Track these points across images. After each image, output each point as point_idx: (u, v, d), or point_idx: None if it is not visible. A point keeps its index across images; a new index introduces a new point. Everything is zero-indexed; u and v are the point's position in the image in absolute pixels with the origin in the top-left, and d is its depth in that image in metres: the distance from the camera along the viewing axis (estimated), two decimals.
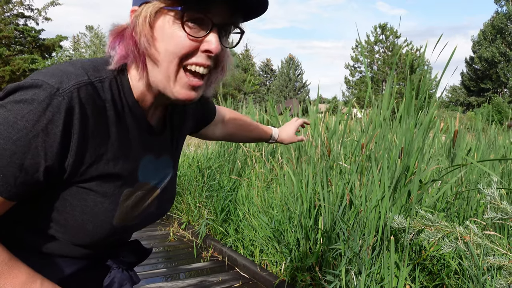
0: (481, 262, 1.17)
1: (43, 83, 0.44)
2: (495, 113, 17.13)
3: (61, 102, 0.44)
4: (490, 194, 0.99)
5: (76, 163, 0.47)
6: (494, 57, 27.71)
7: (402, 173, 1.49)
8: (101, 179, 0.50)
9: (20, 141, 0.43)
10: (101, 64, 0.51)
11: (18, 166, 0.44)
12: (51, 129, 0.44)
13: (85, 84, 0.47)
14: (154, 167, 0.59)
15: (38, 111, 0.43)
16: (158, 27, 0.48)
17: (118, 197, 0.53)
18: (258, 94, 31.14)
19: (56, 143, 0.44)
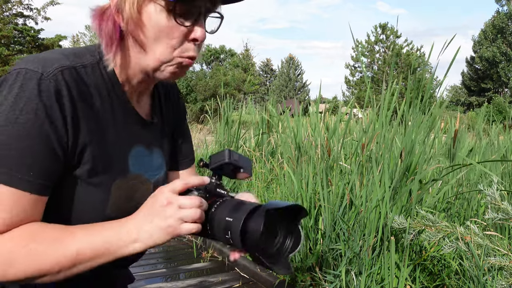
0: (481, 263, 1.17)
1: (27, 70, 0.44)
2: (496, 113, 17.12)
3: (49, 86, 0.44)
4: (491, 195, 0.99)
5: (73, 146, 0.47)
6: (495, 57, 27.69)
7: (402, 173, 1.49)
8: (92, 167, 0.49)
9: (31, 134, 0.43)
10: (82, 52, 0.51)
11: (42, 158, 0.44)
12: (52, 113, 0.44)
13: (68, 68, 0.47)
14: (147, 159, 0.58)
15: (32, 100, 0.43)
16: (146, 13, 0.48)
17: (109, 187, 0.52)
18: (258, 94, 31.14)
19: (61, 125, 0.45)
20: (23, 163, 0.43)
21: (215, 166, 0.50)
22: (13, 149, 0.42)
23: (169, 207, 0.45)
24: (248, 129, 3.51)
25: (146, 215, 0.46)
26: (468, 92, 31.33)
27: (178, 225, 0.45)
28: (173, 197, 0.46)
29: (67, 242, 0.45)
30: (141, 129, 0.57)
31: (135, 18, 0.48)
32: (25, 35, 11.89)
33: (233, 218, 0.44)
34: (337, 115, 2.50)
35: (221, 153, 0.50)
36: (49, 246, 0.44)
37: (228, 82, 14.65)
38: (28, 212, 0.44)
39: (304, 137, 2.42)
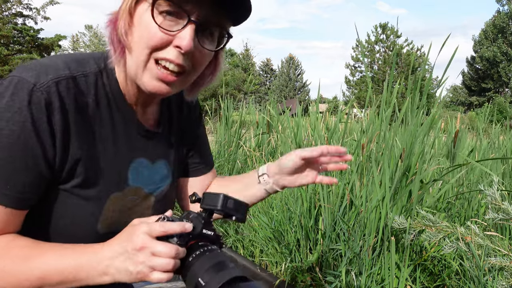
0: (482, 263, 1.16)
1: (20, 79, 0.43)
2: (497, 113, 17.13)
3: (40, 98, 0.43)
4: (491, 195, 0.98)
5: (62, 161, 0.46)
6: (496, 57, 27.67)
7: (403, 174, 1.49)
8: (84, 180, 0.48)
9: (15, 147, 0.42)
10: (86, 59, 0.49)
11: (23, 172, 0.43)
12: (39, 126, 0.43)
13: (65, 78, 0.45)
14: (148, 172, 0.56)
15: (21, 111, 0.42)
16: (137, 14, 0.46)
17: (102, 201, 0.50)
18: (258, 94, 31.14)
19: (48, 138, 0.44)
20: (3, 175, 0.42)
21: (206, 208, 0.47)
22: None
23: (142, 252, 0.41)
24: (248, 129, 3.51)
25: (120, 252, 0.43)
26: (468, 92, 31.32)
27: (148, 272, 0.42)
28: (148, 241, 0.42)
29: (35, 263, 0.43)
30: (145, 141, 0.55)
31: (125, 18, 0.46)
32: (25, 35, 11.89)
33: (205, 283, 0.40)
34: (337, 115, 2.50)
35: (215, 197, 0.46)
36: (16, 265, 0.42)
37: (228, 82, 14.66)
38: (1, 224, 0.43)
39: (304, 137, 2.42)
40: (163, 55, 0.45)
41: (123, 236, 0.44)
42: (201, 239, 0.46)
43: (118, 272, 0.43)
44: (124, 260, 0.42)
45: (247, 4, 0.46)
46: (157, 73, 0.46)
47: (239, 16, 0.48)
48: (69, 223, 0.49)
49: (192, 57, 0.47)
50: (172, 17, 0.44)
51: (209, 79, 0.54)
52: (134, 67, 0.47)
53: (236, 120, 3.40)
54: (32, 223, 0.48)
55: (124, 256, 0.42)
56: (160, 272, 0.42)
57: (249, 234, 2.27)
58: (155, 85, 0.47)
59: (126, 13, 0.46)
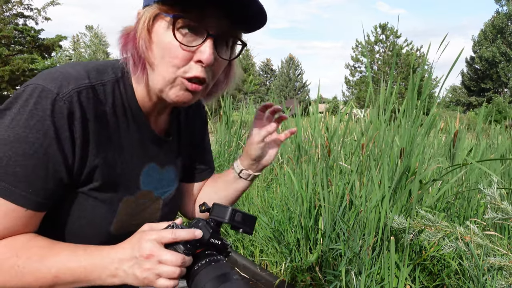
0: (481, 263, 1.17)
1: (43, 88, 0.44)
2: (496, 113, 17.13)
3: (62, 107, 0.44)
4: (491, 194, 0.99)
5: (81, 167, 0.48)
6: (495, 57, 27.69)
7: (402, 173, 1.49)
8: (101, 184, 0.50)
9: (38, 154, 0.44)
10: (105, 67, 0.51)
11: (44, 177, 0.45)
12: (61, 134, 0.45)
13: (86, 88, 0.47)
14: (158, 176, 0.59)
15: (44, 120, 0.44)
16: (155, 31, 0.48)
17: (116, 204, 0.52)
18: (258, 94, 31.13)
19: (69, 147, 0.46)
20: (25, 180, 0.44)
21: (214, 219, 0.48)
22: (18, 166, 0.43)
23: (149, 260, 0.43)
24: (249, 129, 3.51)
25: (129, 257, 0.45)
26: (467, 92, 31.33)
27: (154, 279, 0.44)
28: (156, 249, 0.44)
29: (49, 262, 0.45)
30: (156, 147, 0.57)
31: (144, 37, 0.47)
32: (26, 35, 11.90)
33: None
34: (337, 115, 2.50)
35: (225, 209, 0.48)
36: (32, 264, 0.44)
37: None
38: (20, 225, 0.45)
39: (304, 137, 2.43)
40: (191, 74, 0.48)
41: (133, 241, 0.46)
42: (208, 248, 0.47)
43: (127, 276, 0.45)
44: (132, 265, 0.44)
45: (264, 16, 0.48)
46: (186, 86, 0.49)
47: (255, 27, 0.51)
48: (84, 224, 0.51)
49: (212, 68, 0.50)
50: (190, 33, 0.47)
51: (224, 85, 0.57)
52: (161, 83, 0.49)
53: (236, 120, 3.40)
54: (49, 223, 0.50)
55: (132, 261, 0.44)
56: (165, 279, 0.44)
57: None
58: (183, 94, 0.49)
59: (145, 31, 0.47)
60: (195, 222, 0.48)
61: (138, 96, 0.53)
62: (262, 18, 0.49)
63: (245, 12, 0.47)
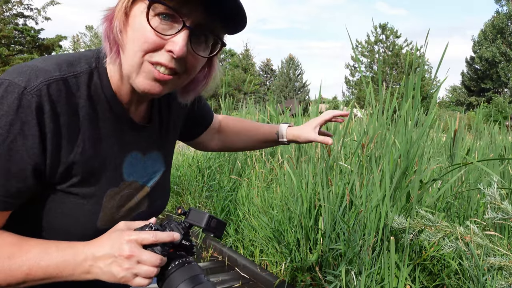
0: (481, 263, 1.17)
1: (10, 83, 0.42)
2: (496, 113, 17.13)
3: (30, 101, 0.42)
4: (491, 194, 0.99)
5: (54, 164, 0.46)
6: (495, 57, 27.68)
7: (402, 173, 1.49)
8: (80, 180, 0.48)
9: (0, 150, 0.42)
10: (77, 59, 0.49)
11: (5, 175, 0.43)
12: (27, 130, 0.42)
13: (56, 80, 0.45)
14: (142, 164, 0.57)
15: (10, 114, 0.41)
16: (133, 14, 0.46)
17: (100, 198, 0.51)
18: (258, 94, 31.12)
19: (36, 143, 0.43)
20: None
21: (190, 223, 0.50)
22: None
23: (129, 260, 0.44)
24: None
25: (107, 255, 0.45)
26: (467, 92, 31.32)
27: (131, 278, 0.45)
28: (136, 250, 0.44)
29: (20, 261, 0.44)
30: (137, 135, 0.56)
31: (121, 18, 0.46)
32: (26, 35, 11.89)
33: None
34: None
35: (201, 215, 0.50)
36: (1, 262, 0.43)
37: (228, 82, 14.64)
38: None
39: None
40: (156, 59, 0.46)
41: (111, 240, 0.46)
42: (179, 249, 0.49)
43: (102, 273, 0.45)
44: (110, 264, 0.45)
45: (242, 14, 0.46)
46: (151, 71, 0.46)
47: (234, 25, 0.48)
48: (70, 222, 0.49)
49: (185, 62, 0.47)
50: (167, 20, 0.45)
51: (203, 84, 0.55)
52: (128, 68, 0.47)
53: None
54: (30, 224, 0.49)
55: (110, 259, 0.45)
56: (142, 278, 0.45)
57: (249, 234, 2.28)
58: (149, 84, 0.47)
59: (122, 12, 0.45)
60: (166, 223, 0.50)
61: (114, 85, 0.51)
62: (241, 16, 0.47)
63: (224, 9, 0.45)
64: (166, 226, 0.50)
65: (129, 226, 0.48)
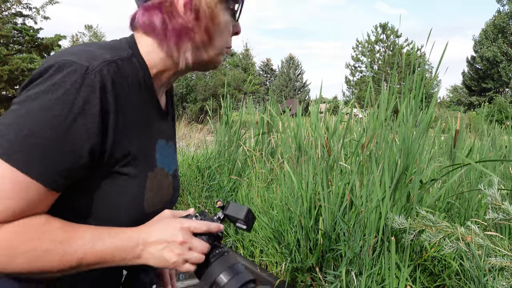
0: (482, 263, 1.16)
1: (72, 62, 0.42)
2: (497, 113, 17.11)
3: (93, 80, 0.43)
4: (491, 195, 0.98)
5: (114, 143, 0.46)
6: (496, 57, 27.64)
7: (402, 173, 1.48)
8: (129, 161, 0.49)
9: (60, 127, 0.41)
10: (116, 44, 0.51)
11: (63, 153, 0.42)
12: (88, 109, 0.42)
13: (111, 62, 0.46)
14: (166, 152, 0.59)
15: (72, 92, 0.42)
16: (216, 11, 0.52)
17: (144, 180, 0.52)
18: (258, 94, 31.11)
19: (96, 123, 0.43)
20: (44, 154, 0.41)
21: (230, 216, 0.54)
22: (38, 138, 0.41)
23: (182, 246, 0.47)
24: (248, 129, 3.51)
25: (160, 240, 0.47)
26: (468, 92, 31.29)
27: (181, 263, 0.48)
28: (189, 237, 0.48)
29: (75, 245, 0.44)
30: (163, 123, 0.58)
31: (209, 15, 0.50)
32: (24, 35, 11.87)
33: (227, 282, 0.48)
34: (337, 115, 2.50)
35: (241, 208, 0.54)
36: (56, 246, 0.43)
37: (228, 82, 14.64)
38: (36, 204, 0.43)
39: (304, 137, 2.42)
40: (229, 45, 0.57)
41: (162, 226, 0.48)
42: (215, 239, 0.52)
43: (154, 258, 0.47)
44: (162, 249, 0.47)
45: None
46: (225, 53, 0.56)
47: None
48: (121, 203, 0.50)
49: None
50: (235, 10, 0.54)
51: None
52: (213, 54, 0.54)
53: (236, 120, 3.40)
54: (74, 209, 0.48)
55: (163, 245, 0.47)
56: (190, 264, 0.48)
57: (249, 234, 2.27)
58: (221, 60, 0.57)
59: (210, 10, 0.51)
60: (201, 214, 0.53)
61: (153, 69, 0.53)
62: None
63: None
64: (202, 218, 0.52)
65: (174, 215, 0.51)
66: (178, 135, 7.41)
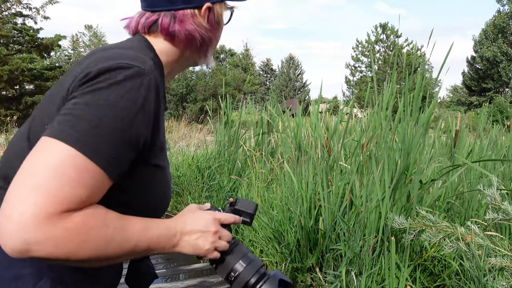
0: (482, 263, 1.16)
1: (130, 65, 0.48)
2: (497, 113, 17.11)
3: (150, 81, 0.49)
4: (491, 195, 0.98)
5: (154, 138, 0.51)
6: (496, 57, 27.63)
7: (402, 173, 1.48)
8: (160, 152, 0.55)
9: (126, 119, 0.46)
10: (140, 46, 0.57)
11: (126, 144, 0.46)
12: (147, 106, 0.48)
13: (154, 65, 0.52)
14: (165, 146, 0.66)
15: (134, 90, 0.47)
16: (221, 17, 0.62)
17: (168, 169, 0.59)
18: (258, 94, 31.12)
19: (152, 118, 0.49)
20: (111, 144, 0.45)
21: (241, 210, 0.60)
22: (107, 128, 0.44)
23: (215, 235, 0.54)
24: (248, 129, 3.51)
25: (197, 230, 0.53)
26: (468, 92, 31.29)
27: (212, 250, 0.54)
28: (219, 227, 0.55)
29: (130, 233, 0.47)
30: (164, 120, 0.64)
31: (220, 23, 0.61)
32: (24, 35, 11.86)
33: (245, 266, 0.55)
34: (337, 115, 2.50)
35: (250, 204, 0.60)
36: (118, 233, 0.45)
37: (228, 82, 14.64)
38: (99, 193, 0.45)
39: (304, 137, 2.42)
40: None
41: (195, 217, 0.54)
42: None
43: (190, 246, 0.52)
44: (197, 238, 0.53)
45: None
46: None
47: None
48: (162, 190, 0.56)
49: None
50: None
51: None
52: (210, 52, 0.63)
53: (236, 120, 3.40)
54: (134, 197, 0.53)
55: (198, 234, 0.53)
56: (217, 252, 0.55)
57: (249, 234, 2.27)
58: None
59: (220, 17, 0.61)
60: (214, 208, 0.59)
61: (166, 69, 0.60)
62: None
63: None
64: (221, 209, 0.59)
65: (201, 208, 0.58)
66: (178, 135, 7.41)
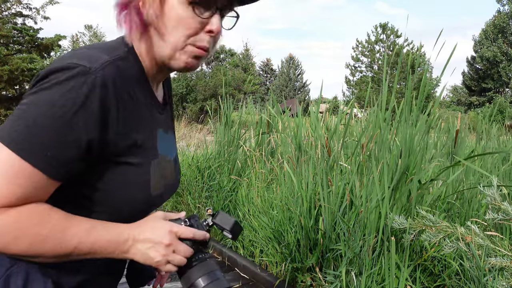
0: (482, 263, 1.16)
1: (75, 65, 0.47)
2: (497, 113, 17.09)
3: (95, 80, 0.47)
4: (491, 195, 0.98)
5: (116, 136, 0.50)
6: (496, 57, 27.63)
7: (402, 173, 1.48)
8: (133, 150, 0.53)
9: (63, 118, 0.45)
10: (114, 44, 0.54)
11: (64, 143, 0.46)
12: (88, 104, 0.46)
13: (109, 63, 0.50)
14: (167, 141, 0.64)
15: (75, 89, 0.46)
16: (168, 4, 0.52)
17: (148, 167, 0.56)
18: (258, 94, 31.11)
19: (94, 117, 0.47)
20: (46, 144, 0.45)
21: (218, 225, 0.57)
22: (41, 128, 0.44)
23: (168, 248, 0.52)
24: (248, 129, 3.51)
25: (148, 239, 0.51)
26: (468, 92, 31.28)
27: (164, 263, 0.52)
28: (174, 240, 0.52)
29: (72, 234, 0.47)
30: (161, 114, 0.62)
31: (156, 8, 0.51)
32: (24, 35, 11.87)
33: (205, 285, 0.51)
34: (337, 115, 2.49)
35: (229, 220, 0.58)
36: (55, 234, 0.46)
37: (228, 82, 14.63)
38: (38, 191, 0.46)
39: (304, 137, 2.42)
40: (201, 44, 0.53)
41: (153, 226, 0.53)
42: (200, 245, 0.56)
43: (140, 254, 0.51)
44: (149, 248, 0.51)
45: None
46: (192, 51, 0.53)
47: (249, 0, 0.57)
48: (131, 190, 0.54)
49: (215, 38, 0.55)
50: (199, 6, 0.52)
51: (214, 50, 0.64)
52: (170, 51, 0.53)
53: (236, 120, 3.40)
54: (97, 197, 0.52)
55: (150, 244, 0.51)
56: (172, 265, 0.52)
57: (249, 234, 2.27)
58: (190, 61, 0.54)
59: (157, 2, 0.51)
60: (191, 218, 0.57)
61: (144, 65, 0.56)
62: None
63: None
64: (193, 222, 0.56)
65: (166, 216, 0.56)
66: (178, 135, 7.41)
